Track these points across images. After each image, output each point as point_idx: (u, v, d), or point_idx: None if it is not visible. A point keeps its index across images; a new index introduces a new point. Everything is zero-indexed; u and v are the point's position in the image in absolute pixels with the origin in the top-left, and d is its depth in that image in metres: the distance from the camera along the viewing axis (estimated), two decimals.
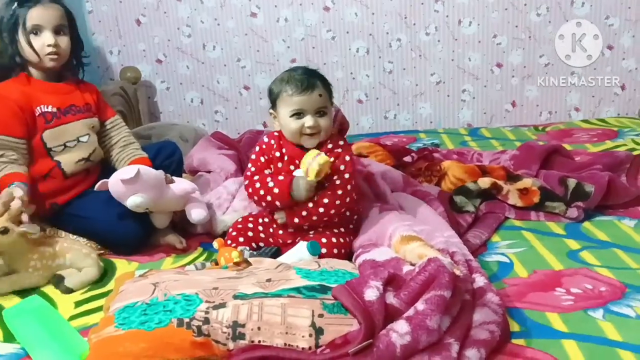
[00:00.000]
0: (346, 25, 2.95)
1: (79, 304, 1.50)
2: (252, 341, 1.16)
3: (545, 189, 1.87)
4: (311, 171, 1.50)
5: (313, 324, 1.17)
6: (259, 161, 1.69)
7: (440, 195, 1.85)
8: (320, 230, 1.62)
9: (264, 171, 1.67)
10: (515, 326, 1.28)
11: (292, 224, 1.58)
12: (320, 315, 1.18)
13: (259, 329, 1.17)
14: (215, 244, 1.60)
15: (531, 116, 3.07)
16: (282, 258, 1.52)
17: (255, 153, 1.71)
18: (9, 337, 1.32)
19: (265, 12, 2.95)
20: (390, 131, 3.04)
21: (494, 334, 1.18)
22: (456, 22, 2.94)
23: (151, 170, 1.75)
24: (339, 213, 1.60)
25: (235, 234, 1.68)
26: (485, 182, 1.88)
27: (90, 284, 1.60)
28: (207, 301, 1.23)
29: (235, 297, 1.24)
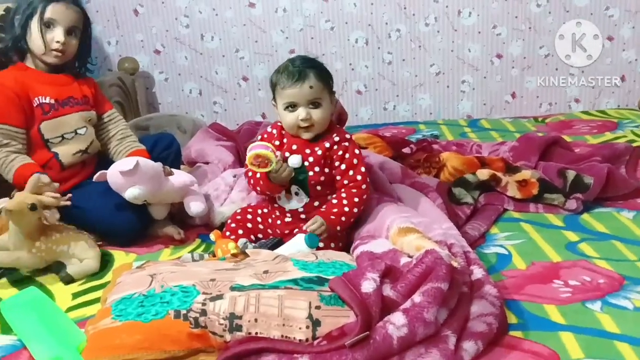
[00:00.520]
0: (345, 15, 2.94)
1: (76, 295, 1.50)
2: (249, 333, 1.16)
3: (544, 181, 1.86)
4: (247, 160, 1.53)
5: (310, 316, 1.17)
6: None
7: (439, 186, 1.84)
8: None
9: None
10: (512, 318, 1.28)
11: (333, 230, 1.55)
12: (317, 307, 1.18)
13: (255, 320, 1.17)
14: (212, 235, 1.60)
15: (531, 107, 3.06)
16: (280, 250, 1.52)
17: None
18: (6, 329, 1.32)
19: (264, 2, 2.93)
20: (390, 122, 3.03)
21: (492, 326, 1.18)
22: (456, 12, 2.93)
23: (149, 162, 1.75)
24: (365, 208, 1.60)
25: (234, 225, 1.67)
26: (484, 173, 1.87)
27: (88, 276, 1.60)
28: (204, 293, 1.23)
29: (233, 288, 1.24)
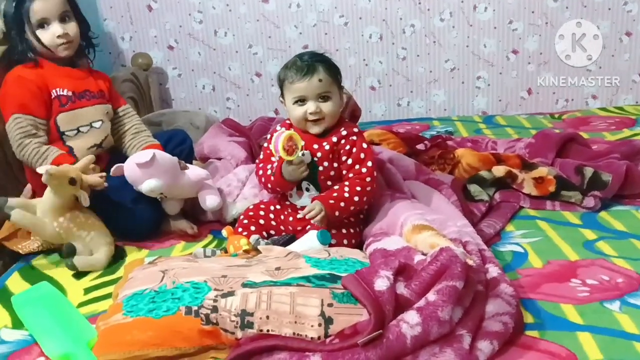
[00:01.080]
0: (359, 10, 2.91)
1: (88, 290, 1.50)
2: (260, 330, 1.15)
3: (561, 178, 1.83)
4: (279, 148, 1.49)
5: (322, 314, 1.15)
6: (268, 149, 1.68)
7: (454, 183, 1.82)
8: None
9: (271, 159, 1.66)
10: (529, 317, 1.25)
11: (332, 217, 1.53)
12: (330, 305, 1.17)
13: (267, 317, 1.15)
14: (224, 232, 1.59)
15: (547, 104, 3.01)
16: (292, 246, 1.51)
17: (267, 141, 1.71)
18: (17, 324, 1.32)
19: None
20: (404, 119, 3.00)
21: (507, 325, 1.16)
22: (471, 7, 2.89)
23: (166, 155, 1.76)
24: (368, 202, 1.58)
25: (246, 221, 1.66)
26: (499, 170, 1.84)
27: (92, 271, 1.60)
28: (215, 289, 1.22)
29: (244, 285, 1.23)
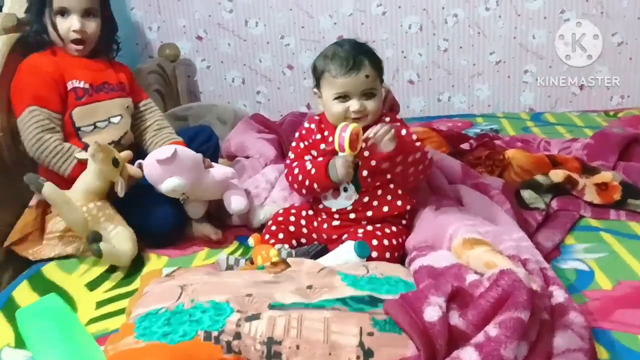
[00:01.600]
0: None
1: (100, 304, 1.36)
2: None
3: (628, 184, 1.63)
4: (345, 142, 1.33)
5: (361, 344, 0.99)
6: (299, 148, 1.55)
7: (505, 188, 1.63)
8: (370, 229, 1.43)
9: (304, 157, 1.52)
10: (602, 352, 1.07)
11: (404, 142, 1.38)
12: (370, 334, 1.01)
13: (297, 347, 1.00)
14: (251, 240, 1.44)
15: (600, 101, 2.79)
16: (326, 259, 1.35)
17: (295, 140, 1.57)
18: (20, 342, 1.19)
19: None
20: (444, 115, 2.81)
21: None
22: None
23: (189, 151, 1.62)
24: (417, 176, 1.43)
25: (274, 228, 1.51)
26: (558, 175, 1.65)
27: (116, 264, 1.49)
28: (238, 311, 1.07)
29: (271, 306, 1.07)
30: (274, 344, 1.00)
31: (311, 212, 1.53)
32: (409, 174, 1.42)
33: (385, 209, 1.45)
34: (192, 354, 1.01)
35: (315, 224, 1.51)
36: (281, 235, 1.49)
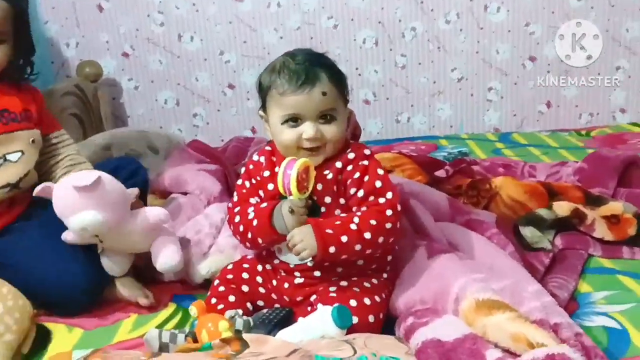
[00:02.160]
0: (351, 11, 2.47)
1: None
2: None
3: None
4: (292, 183, 1.05)
5: None
6: (244, 187, 1.23)
7: (500, 225, 1.36)
8: (344, 285, 1.12)
9: (249, 200, 1.20)
10: None
11: (323, 254, 1.07)
12: None
13: None
14: (193, 309, 1.09)
15: (569, 119, 2.60)
16: (294, 332, 1.02)
17: (241, 176, 1.24)
18: None
19: None
20: (403, 137, 2.55)
21: None
22: (482, 7, 2.47)
23: (117, 183, 1.27)
24: (385, 247, 1.12)
25: (223, 289, 1.17)
26: (563, 208, 1.39)
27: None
28: None
29: None
30: None
31: (269, 267, 1.20)
32: (372, 256, 1.12)
33: (360, 262, 1.14)
34: None
35: (275, 282, 1.18)
36: (232, 298, 1.15)
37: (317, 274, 1.14)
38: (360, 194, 1.12)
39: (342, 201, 1.14)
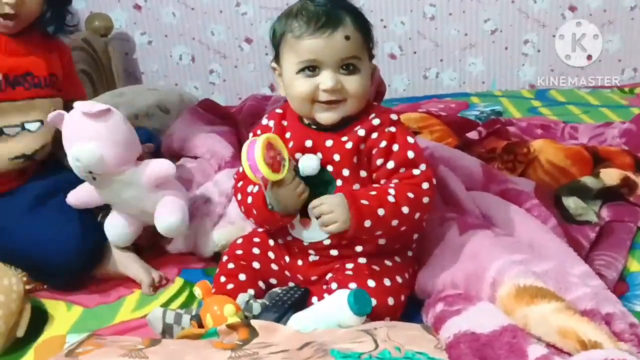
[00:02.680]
0: None
1: None
2: None
3: None
4: (260, 165, 0.92)
5: None
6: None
7: (539, 194, 1.22)
8: (363, 262, 1.00)
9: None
10: None
11: (358, 229, 0.94)
12: None
13: None
14: (198, 290, 0.98)
15: (610, 74, 2.41)
16: (309, 320, 0.91)
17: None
18: None
19: None
20: (432, 95, 2.40)
21: None
22: None
23: (129, 124, 1.19)
24: (419, 224, 1.01)
25: (232, 266, 1.06)
26: (612, 176, 1.25)
27: None
28: None
29: None
30: None
31: (281, 242, 1.09)
32: (400, 236, 1.00)
33: (382, 241, 1.01)
34: None
35: (288, 258, 1.07)
36: (242, 277, 1.04)
37: (333, 252, 1.02)
38: (390, 165, 0.99)
39: (363, 174, 1.01)
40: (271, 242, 1.09)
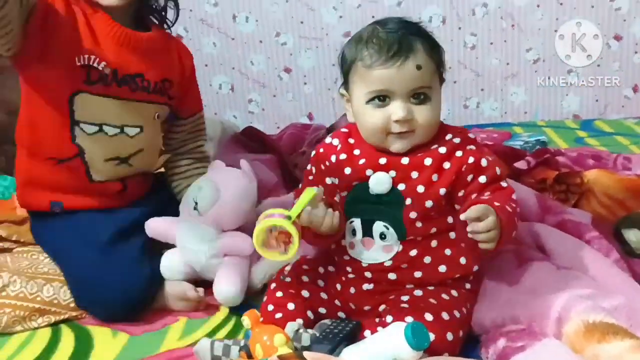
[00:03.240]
0: None
1: None
2: None
3: None
4: (258, 248, 0.94)
5: None
6: (311, 173, 1.10)
7: (597, 225, 1.17)
8: (419, 295, 0.97)
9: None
10: None
11: (508, 232, 0.94)
12: None
13: None
14: (246, 320, 0.96)
15: None
16: (362, 353, 0.87)
17: (310, 161, 1.12)
18: None
19: None
20: (473, 124, 2.36)
21: None
22: None
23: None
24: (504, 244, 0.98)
25: (281, 294, 1.03)
26: None
27: None
28: None
29: None
30: None
31: (331, 269, 1.06)
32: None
33: (442, 268, 0.99)
34: None
35: (339, 286, 1.04)
36: (291, 306, 1.01)
37: (391, 276, 0.99)
38: (483, 179, 0.99)
39: (442, 191, 0.98)
40: (321, 270, 1.06)
